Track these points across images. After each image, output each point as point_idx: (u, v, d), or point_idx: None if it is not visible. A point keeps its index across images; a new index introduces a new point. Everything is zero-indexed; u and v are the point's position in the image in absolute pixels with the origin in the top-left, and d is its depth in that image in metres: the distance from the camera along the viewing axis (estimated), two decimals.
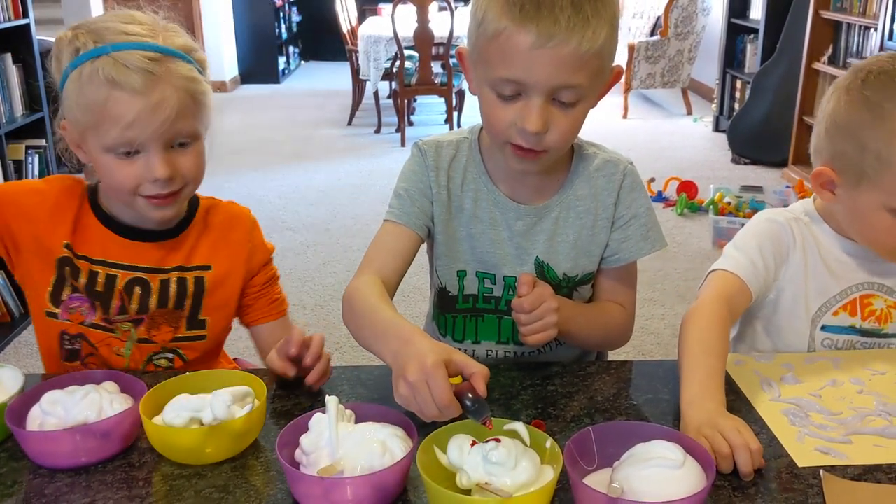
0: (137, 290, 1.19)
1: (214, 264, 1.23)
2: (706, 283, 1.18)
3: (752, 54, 5.65)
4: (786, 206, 1.30)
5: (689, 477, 0.80)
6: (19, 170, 3.20)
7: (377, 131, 6.16)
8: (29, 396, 0.95)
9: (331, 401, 0.87)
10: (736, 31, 5.91)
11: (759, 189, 4.40)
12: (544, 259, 1.20)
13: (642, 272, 1.32)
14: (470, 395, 0.87)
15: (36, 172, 3.32)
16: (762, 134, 5.12)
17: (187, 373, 1.01)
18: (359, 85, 6.36)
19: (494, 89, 1.04)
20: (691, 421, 0.92)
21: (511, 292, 1.20)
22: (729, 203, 4.11)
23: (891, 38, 3.89)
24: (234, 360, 1.43)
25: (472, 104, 6.65)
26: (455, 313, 1.25)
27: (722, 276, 1.17)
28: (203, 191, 1.27)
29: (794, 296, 1.20)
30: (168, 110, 1.07)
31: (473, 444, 0.84)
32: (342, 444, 0.85)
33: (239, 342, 1.64)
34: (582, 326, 1.17)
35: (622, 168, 1.21)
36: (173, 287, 1.21)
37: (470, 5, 1.08)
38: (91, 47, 1.07)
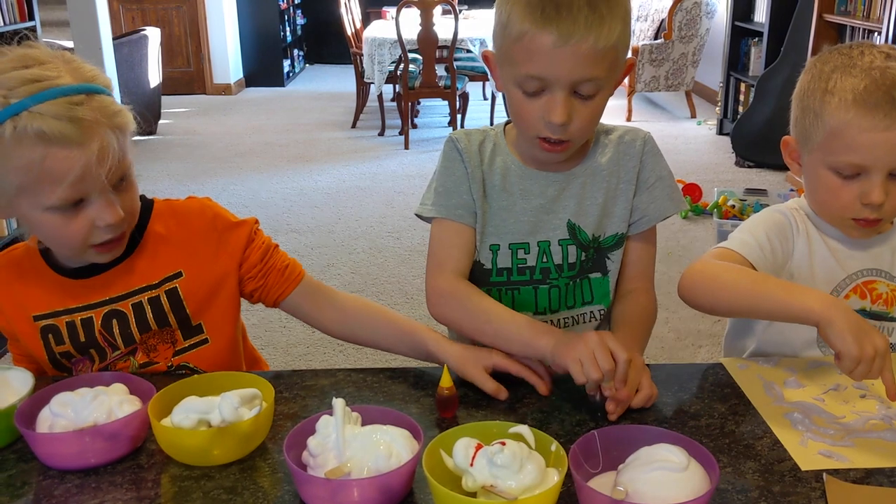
0: (115, 322, 1.15)
1: (185, 268, 1.18)
2: (705, 254, 1.21)
3: (757, 57, 5.65)
4: None
5: (692, 480, 0.80)
6: None
7: (381, 134, 6.17)
8: (39, 398, 0.96)
9: (337, 403, 0.88)
10: (740, 34, 5.91)
11: (763, 192, 4.40)
12: (575, 221, 1.25)
13: None
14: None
15: None
16: (766, 137, 5.11)
17: (195, 375, 1.02)
18: (363, 88, 6.38)
19: (521, 86, 1.12)
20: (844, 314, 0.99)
21: (545, 258, 1.24)
22: (733, 206, 4.11)
23: (895, 41, 3.89)
24: None
25: (475, 107, 6.67)
26: (489, 286, 1.27)
27: (723, 251, 1.20)
28: (208, 193, 1.27)
29: (800, 283, 1.21)
30: (112, 156, 1.01)
31: (479, 447, 0.85)
32: (349, 446, 0.86)
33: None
34: (645, 345, 1.25)
35: (642, 136, 1.29)
36: (148, 309, 1.16)
37: (494, 10, 1.15)
38: (2, 104, 0.97)
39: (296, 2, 8.97)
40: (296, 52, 9.00)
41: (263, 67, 8.26)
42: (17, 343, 1.20)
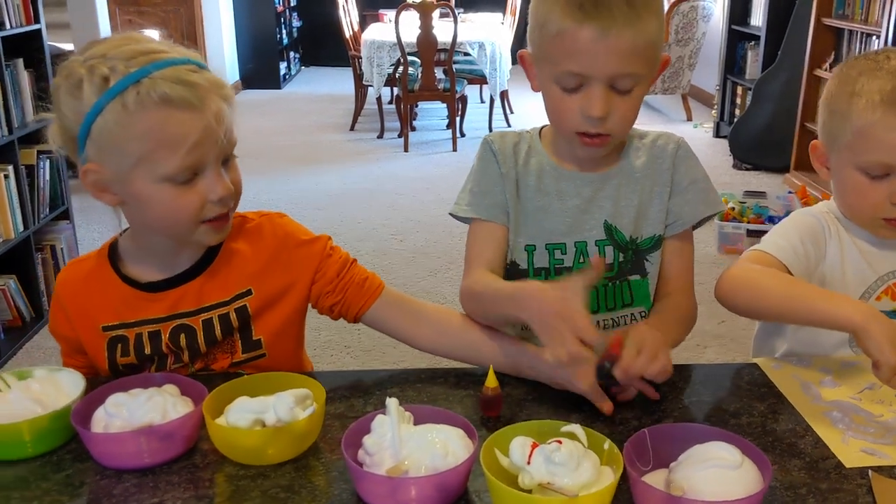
0: (183, 336, 1.16)
1: (255, 286, 1.17)
2: (741, 257, 1.22)
3: (753, 61, 5.70)
4: (789, 211, 1.36)
5: (746, 477, 0.82)
6: (31, 174, 3.21)
7: (380, 136, 6.18)
8: (93, 399, 0.97)
9: (391, 402, 0.89)
10: (737, 38, 5.96)
11: (762, 195, 4.43)
12: (612, 222, 1.26)
13: None
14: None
15: (48, 177, 3.33)
16: (764, 140, 5.16)
17: (245, 375, 1.03)
18: (361, 90, 6.39)
19: (559, 83, 1.14)
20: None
21: (583, 259, 1.26)
22: (733, 209, 4.14)
23: (893, 45, 3.94)
24: None
25: (473, 110, 6.68)
26: None
27: (759, 254, 1.22)
28: None
29: (832, 285, 1.24)
30: (226, 121, 1.06)
31: (534, 445, 0.86)
32: (405, 445, 0.87)
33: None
34: (676, 340, 1.24)
35: (676, 139, 1.31)
36: (217, 325, 1.16)
37: (530, 12, 1.17)
38: (124, 72, 1.00)
39: (292, 4, 8.98)
40: (292, 54, 9.01)
41: (260, 70, 8.27)
42: (77, 355, 1.20)
